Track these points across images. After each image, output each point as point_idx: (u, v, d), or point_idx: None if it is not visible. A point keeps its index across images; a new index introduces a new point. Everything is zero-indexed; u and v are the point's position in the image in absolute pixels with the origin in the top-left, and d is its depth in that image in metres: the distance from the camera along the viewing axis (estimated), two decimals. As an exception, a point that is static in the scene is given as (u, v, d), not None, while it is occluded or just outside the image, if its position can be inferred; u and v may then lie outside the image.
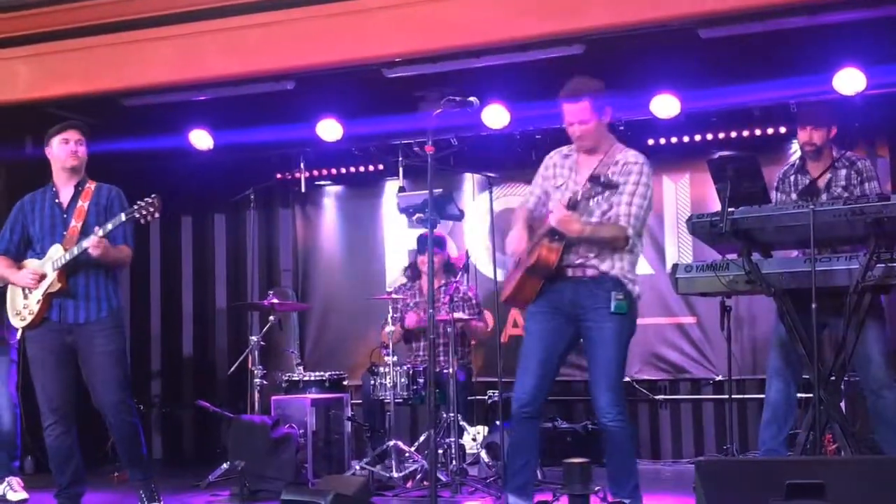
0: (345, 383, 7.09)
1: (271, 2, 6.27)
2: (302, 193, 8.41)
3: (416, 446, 6.68)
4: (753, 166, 4.97)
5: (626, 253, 4.49)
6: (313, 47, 6.28)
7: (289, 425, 6.36)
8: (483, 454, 6.49)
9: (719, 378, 7.53)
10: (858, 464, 3.49)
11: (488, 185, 6.68)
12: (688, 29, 5.91)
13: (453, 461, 6.22)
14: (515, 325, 8.07)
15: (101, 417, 5.17)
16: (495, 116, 7.18)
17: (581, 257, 4.50)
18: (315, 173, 8.46)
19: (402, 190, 7.72)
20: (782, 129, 7.31)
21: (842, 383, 5.24)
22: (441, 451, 6.29)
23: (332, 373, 7.02)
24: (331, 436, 6.71)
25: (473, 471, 6.53)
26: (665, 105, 6.93)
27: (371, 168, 8.46)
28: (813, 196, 5.07)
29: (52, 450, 5.15)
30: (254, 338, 7.02)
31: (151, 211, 4.94)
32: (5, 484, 6.21)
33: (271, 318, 7.09)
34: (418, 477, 6.20)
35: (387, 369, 6.50)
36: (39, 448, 7.21)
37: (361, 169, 8.50)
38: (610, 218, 4.48)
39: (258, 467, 6.08)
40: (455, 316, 6.47)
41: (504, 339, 7.74)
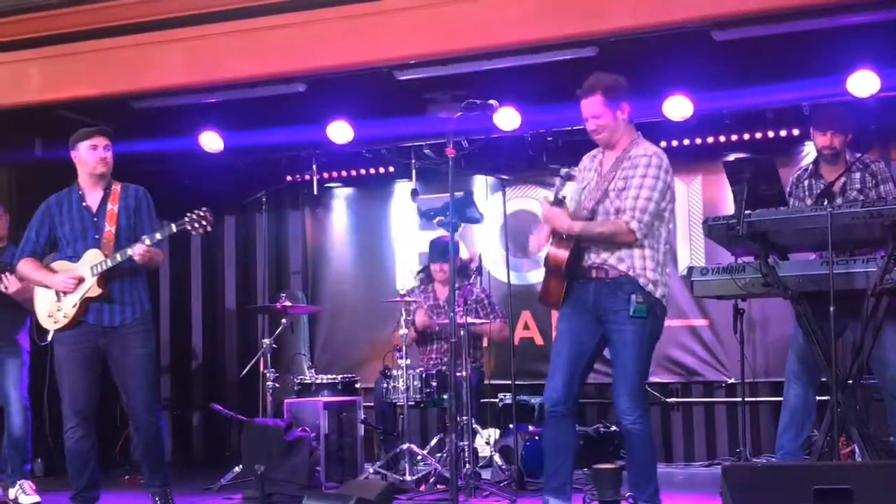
0: (357, 386, 7.07)
1: (285, 4, 6.25)
2: (312, 195, 8.40)
3: (428, 449, 6.67)
4: (770, 168, 4.96)
5: (647, 250, 4.47)
6: (326, 49, 6.26)
7: (302, 428, 6.35)
8: (497, 457, 6.47)
9: (732, 381, 7.51)
10: (886, 469, 3.46)
11: (501, 187, 6.68)
12: (701, 31, 5.89)
13: (467, 465, 6.20)
14: (526, 327, 8.06)
15: (112, 420, 5.19)
16: (507, 119, 7.15)
17: (600, 257, 4.50)
18: (325, 175, 8.43)
19: (415, 193, 7.69)
20: (795, 132, 7.28)
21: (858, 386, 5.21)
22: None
23: (345, 376, 7.01)
24: (343, 439, 6.69)
25: (486, 474, 6.53)
26: (678, 107, 6.90)
27: (381, 170, 8.44)
28: (829, 200, 5.05)
29: (71, 453, 5.14)
30: (266, 340, 7.00)
31: (204, 224, 5.06)
32: (17, 487, 6.19)
33: (283, 320, 7.08)
34: (431, 480, 6.18)
35: (400, 372, 6.48)
36: (49, 450, 7.24)
37: (372, 171, 8.49)
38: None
39: (271, 470, 6.05)
40: (468, 320, 6.44)
41: (515, 341, 7.72)
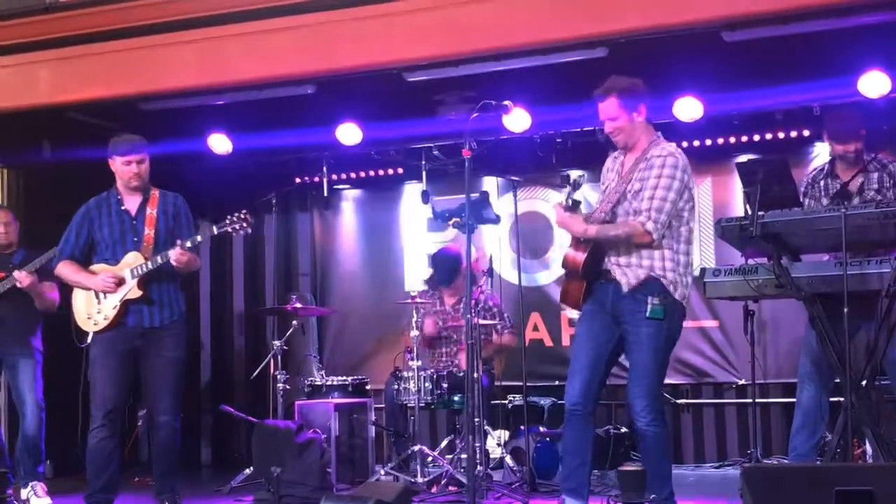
0: (367, 388, 7.07)
1: (294, 6, 6.24)
2: (321, 197, 8.40)
3: (438, 450, 6.66)
4: (783, 169, 4.96)
5: (667, 251, 4.46)
6: (336, 51, 6.24)
7: (313, 430, 6.35)
8: (508, 459, 6.46)
9: (742, 382, 7.50)
10: (908, 470, 3.45)
11: (511, 189, 6.66)
12: (712, 32, 5.88)
13: (479, 466, 6.19)
14: (536, 329, 8.06)
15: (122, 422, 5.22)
16: (516, 120, 7.14)
17: (619, 258, 4.50)
18: (334, 177, 8.43)
19: (426, 195, 7.69)
20: (805, 133, 7.28)
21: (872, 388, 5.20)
22: (464, 455, 6.27)
23: (355, 377, 7.01)
24: (354, 440, 6.69)
25: (497, 475, 6.52)
26: (688, 108, 6.89)
27: (390, 172, 8.45)
28: (845, 200, 5.04)
29: (93, 452, 5.16)
30: (277, 342, 7.00)
31: (244, 226, 5.15)
32: (29, 489, 6.20)
33: (294, 322, 7.08)
34: (444, 482, 6.17)
35: (411, 374, 6.48)
36: (60, 452, 7.24)
37: (381, 173, 8.50)
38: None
39: (282, 472, 6.04)
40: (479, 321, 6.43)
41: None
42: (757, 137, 7.41)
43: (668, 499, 4.44)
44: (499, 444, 6.80)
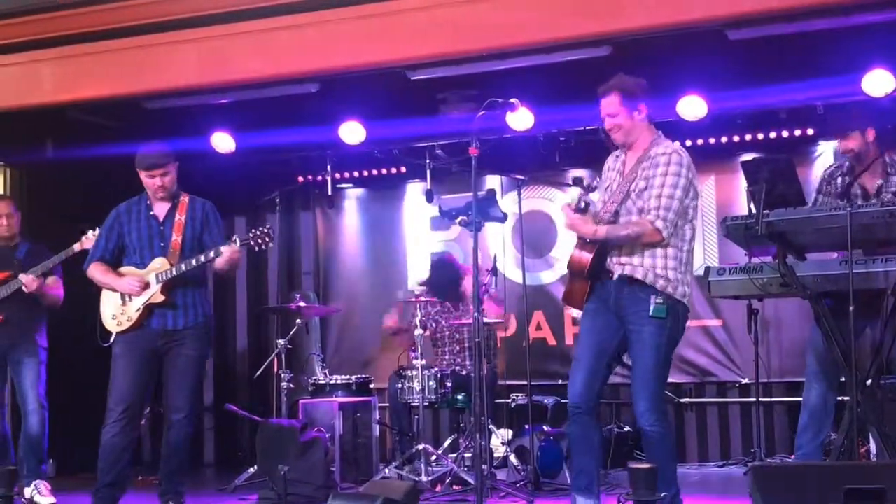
0: (371, 386, 7.06)
1: (297, 4, 6.23)
2: (324, 196, 8.37)
3: (442, 449, 6.65)
4: (788, 168, 4.94)
5: (671, 249, 4.45)
6: (339, 49, 6.23)
7: (317, 429, 6.34)
8: (512, 458, 6.46)
9: (745, 381, 7.50)
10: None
11: (514, 187, 6.65)
12: (716, 30, 5.87)
13: (483, 465, 6.18)
14: (539, 327, 8.05)
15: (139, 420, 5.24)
16: (519, 119, 7.13)
17: (622, 257, 4.49)
18: (337, 176, 8.43)
19: (430, 193, 7.67)
20: (809, 131, 7.28)
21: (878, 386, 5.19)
22: (468, 454, 6.27)
23: (359, 376, 7.01)
24: (358, 439, 6.69)
25: (501, 474, 6.51)
26: (692, 106, 6.89)
27: (393, 171, 8.44)
28: (863, 200, 5.03)
29: (105, 448, 5.18)
30: (280, 341, 6.99)
31: (267, 241, 5.19)
32: (32, 487, 6.19)
33: (298, 321, 7.07)
34: (448, 481, 6.16)
35: (415, 373, 6.47)
36: (61, 451, 7.23)
37: (384, 171, 8.49)
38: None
39: (287, 471, 6.04)
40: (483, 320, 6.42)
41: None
42: (761, 136, 7.40)
43: (674, 498, 4.43)
44: (503, 443, 6.79)
